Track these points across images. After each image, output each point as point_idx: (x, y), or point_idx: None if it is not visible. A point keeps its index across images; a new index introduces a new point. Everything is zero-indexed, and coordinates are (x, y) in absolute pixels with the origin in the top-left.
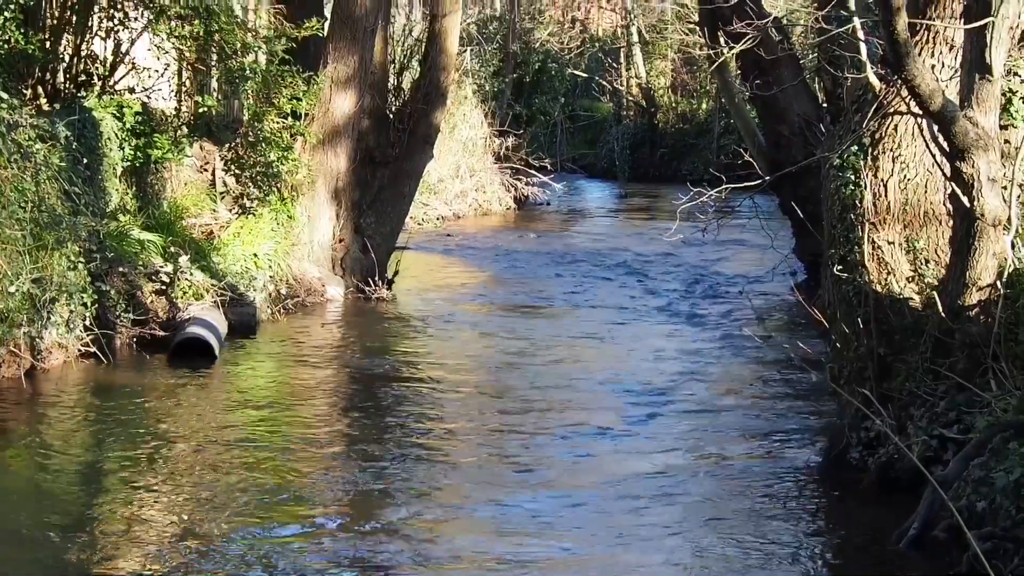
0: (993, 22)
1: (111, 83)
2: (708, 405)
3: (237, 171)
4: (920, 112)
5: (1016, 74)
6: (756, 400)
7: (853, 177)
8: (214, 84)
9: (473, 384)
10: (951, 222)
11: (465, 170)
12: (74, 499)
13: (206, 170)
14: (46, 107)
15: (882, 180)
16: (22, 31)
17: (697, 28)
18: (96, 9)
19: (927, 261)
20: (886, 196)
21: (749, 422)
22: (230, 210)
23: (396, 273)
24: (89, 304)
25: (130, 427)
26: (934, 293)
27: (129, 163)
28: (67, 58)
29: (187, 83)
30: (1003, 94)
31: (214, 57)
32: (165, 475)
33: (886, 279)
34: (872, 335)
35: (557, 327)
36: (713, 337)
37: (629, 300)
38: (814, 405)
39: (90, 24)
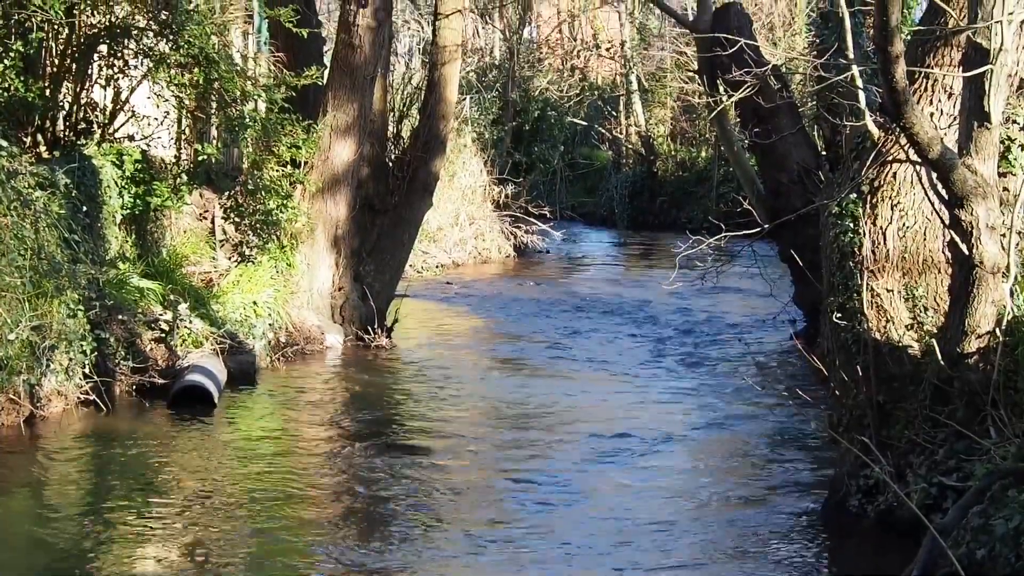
0: (991, 70)
1: (111, 131)
2: (706, 453)
3: (236, 219)
4: (919, 160)
5: (1015, 122)
6: (754, 448)
7: (852, 225)
8: (213, 132)
9: (471, 437)
10: (950, 270)
11: (464, 218)
12: (73, 547)
13: (205, 218)
14: (46, 155)
15: (881, 228)
16: (22, 79)
17: (696, 76)
18: (96, 57)
19: (926, 309)
20: (885, 244)
21: (747, 470)
22: (229, 258)
23: (395, 321)
24: (88, 351)
25: (129, 475)
26: (933, 341)
27: (128, 211)
28: (67, 106)
29: (187, 131)
30: (1001, 142)
31: (214, 105)
32: (164, 523)
33: (885, 327)
34: (871, 383)
35: (555, 375)
36: (712, 385)
37: (627, 348)
38: (813, 453)
39: (90, 72)
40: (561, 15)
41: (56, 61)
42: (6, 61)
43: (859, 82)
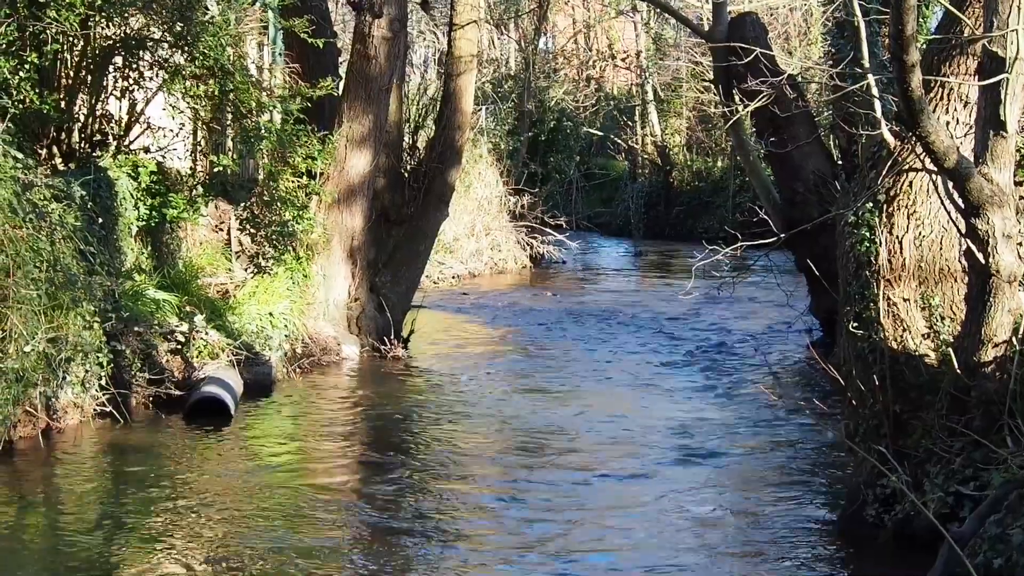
0: (1007, 78)
1: (126, 143)
2: (722, 462)
3: (252, 230)
4: (935, 169)
5: None
6: (771, 457)
7: (868, 234)
8: (229, 143)
9: (489, 448)
10: (966, 279)
11: (480, 228)
12: (90, 559)
13: (221, 229)
14: (61, 167)
15: (897, 237)
16: (37, 91)
17: (712, 86)
18: (111, 69)
19: (942, 318)
20: (901, 253)
21: (763, 479)
22: (245, 269)
23: (411, 332)
24: (104, 364)
25: (146, 487)
26: (949, 350)
27: (144, 223)
28: (82, 118)
29: (202, 142)
30: (1018, 150)
31: (229, 116)
32: (181, 535)
33: (901, 336)
34: (887, 392)
35: (572, 385)
36: (728, 394)
37: (644, 359)
38: (830, 462)
39: (105, 84)
40: (577, 25)
41: (71, 73)
42: (21, 73)
43: (875, 91)
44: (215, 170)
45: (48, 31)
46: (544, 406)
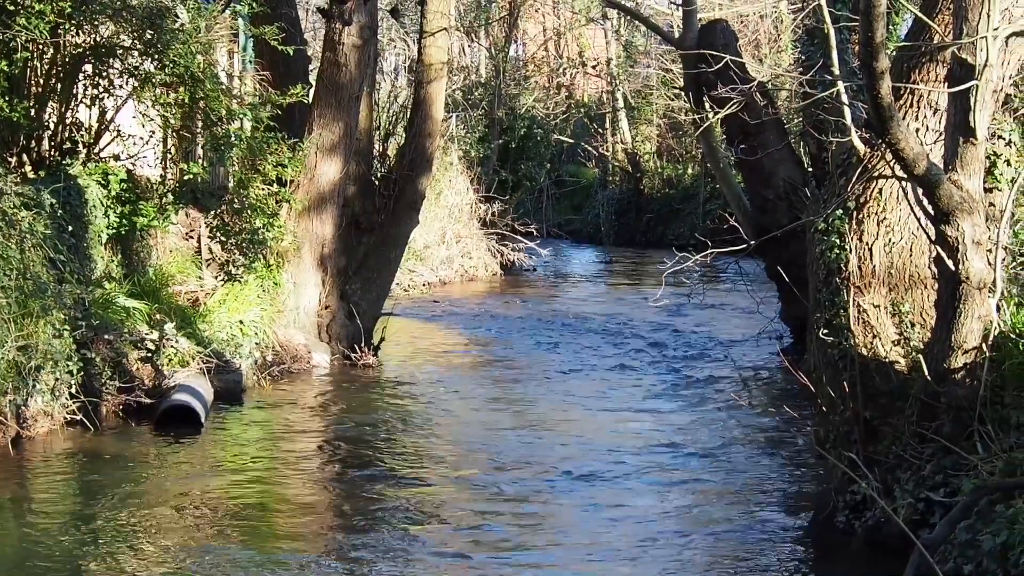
0: (977, 86)
1: (96, 151)
2: (692, 469)
3: (223, 238)
4: (905, 176)
5: (1000, 137)
6: (741, 464)
7: (838, 241)
8: (199, 151)
9: (458, 455)
10: (936, 285)
11: (451, 236)
12: (59, 567)
13: (192, 237)
14: (31, 175)
15: (867, 244)
16: (7, 99)
17: (682, 93)
18: (81, 77)
19: (912, 324)
20: (871, 260)
21: (734, 487)
22: (216, 277)
23: (382, 339)
24: (75, 372)
25: (116, 494)
26: (920, 356)
27: (114, 230)
28: (52, 126)
29: (172, 150)
30: (987, 157)
31: (199, 124)
32: (151, 543)
33: (872, 343)
34: (858, 398)
35: (542, 394)
36: (698, 402)
37: (614, 366)
38: (800, 469)
39: (75, 92)
40: (547, 33)
41: (41, 81)
42: None
43: (845, 98)
44: (185, 178)
45: (18, 39)
46: (511, 418)
